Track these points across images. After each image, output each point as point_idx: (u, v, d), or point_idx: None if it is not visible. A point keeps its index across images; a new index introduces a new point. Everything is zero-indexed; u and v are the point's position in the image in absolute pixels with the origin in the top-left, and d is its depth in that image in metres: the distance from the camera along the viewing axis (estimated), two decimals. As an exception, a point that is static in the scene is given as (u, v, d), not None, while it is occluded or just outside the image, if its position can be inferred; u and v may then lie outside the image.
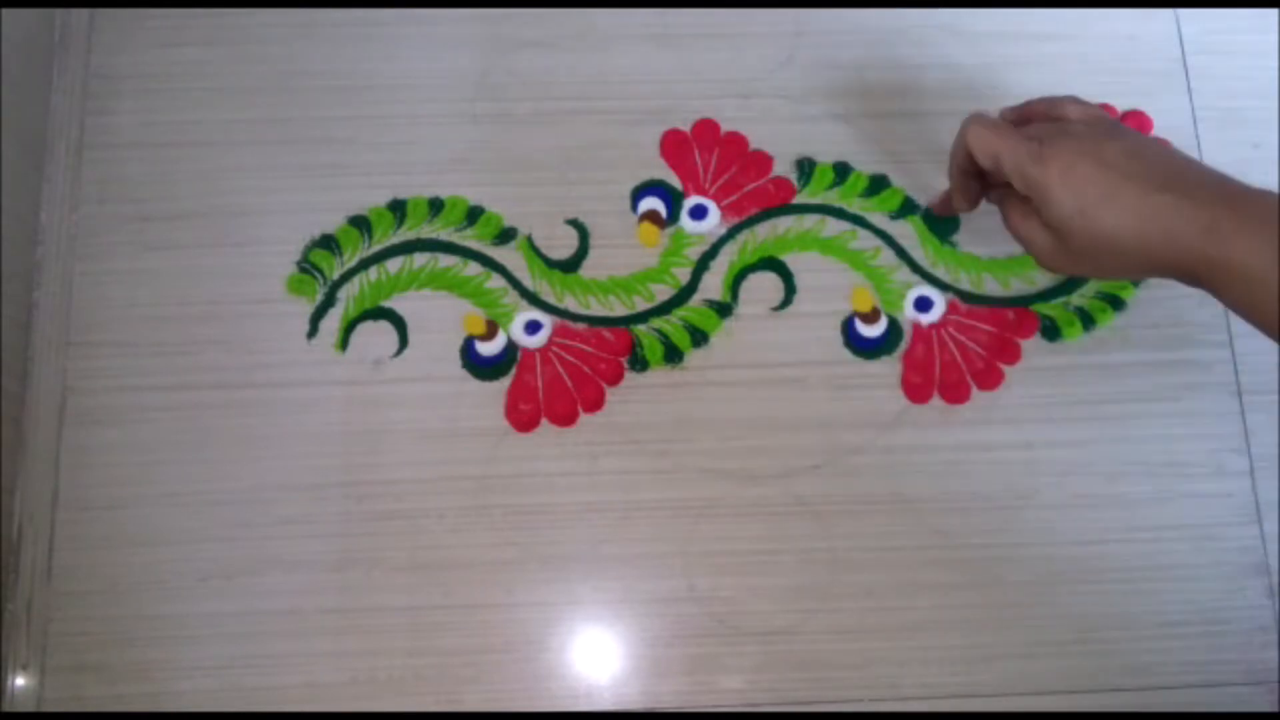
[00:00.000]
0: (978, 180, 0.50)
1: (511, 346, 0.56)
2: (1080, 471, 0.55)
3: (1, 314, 0.53)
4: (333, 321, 0.56)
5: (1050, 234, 0.45)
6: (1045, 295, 0.57)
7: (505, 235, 0.57)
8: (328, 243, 0.57)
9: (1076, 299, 0.57)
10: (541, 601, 0.53)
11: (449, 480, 0.54)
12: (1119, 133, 0.45)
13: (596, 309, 0.56)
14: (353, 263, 0.57)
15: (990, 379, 0.56)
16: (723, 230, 0.58)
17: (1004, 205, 0.49)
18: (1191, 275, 0.41)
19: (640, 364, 0.56)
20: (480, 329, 0.56)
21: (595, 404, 0.55)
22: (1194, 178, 0.42)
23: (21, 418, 0.54)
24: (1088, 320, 0.56)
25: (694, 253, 0.57)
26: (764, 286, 0.57)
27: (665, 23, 0.60)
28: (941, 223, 0.58)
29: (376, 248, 0.57)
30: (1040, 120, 0.48)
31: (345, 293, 0.56)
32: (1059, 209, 0.43)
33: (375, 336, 0.56)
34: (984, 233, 0.58)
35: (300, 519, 0.53)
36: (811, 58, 0.60)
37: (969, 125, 0.47)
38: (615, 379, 0.55)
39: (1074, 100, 0.48)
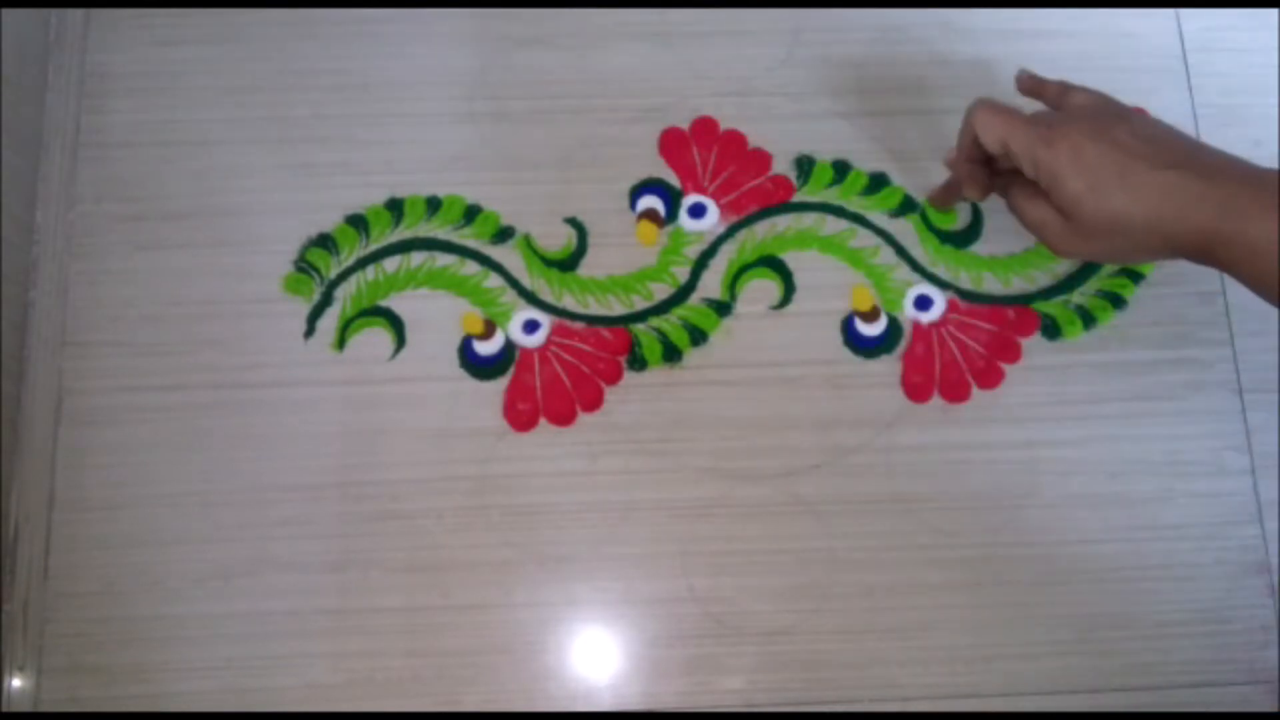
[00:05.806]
0: (984, 167, 0.50)
1: (510, 346, 0.56)
2: (1081, 470, 0.55)
3: (-3, 314, 0.53)
4: (330, 321, 0.56)
5: (1061, 216, 0.45)
6: (1046, 293, 0.57)
7: (503, 234, 0.57)
8: (325, 242, 0.56)
9: (1077, 297, 0.57)
10: (540, 602, 0.53)
11: (447, 480, 0.54)
12: (1126, 114, 0.46)
13: (595, 308, 0.56)
14: (350, 262, 0.56)
15: (991, 378, 0.55)
16: (722, 229, 0.57)
17: (1010, 191, 0.49)
18: (1204, 252, 0.42)
19: (639, 363, 0.55)
20: (478, 328, 0.56)
21: (594, 403, 0.55)
22: (1205, 156, 0.43)
23: (17, 418, 0.54)
24: (1089, 318, 0.56)
25: (693, 251, 0.57)
26: (764, 285, 0.57)
27: (664, 20, 0.60)
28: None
29: (374, 247, 0.57)
30: (1051, 100, 0.49)
31: (342, 292, 0.56)
32: (1070, 189, 0.44)
33: (373, 337, 0.56)
34: (995, 232, 0.57)
35: (298, 520, 0.53)
36: (810, 55, 0.60)
37: (976, 111, 0.48)
38: (614, 378, 0.55)
39: (1083, 90, 0.49)
